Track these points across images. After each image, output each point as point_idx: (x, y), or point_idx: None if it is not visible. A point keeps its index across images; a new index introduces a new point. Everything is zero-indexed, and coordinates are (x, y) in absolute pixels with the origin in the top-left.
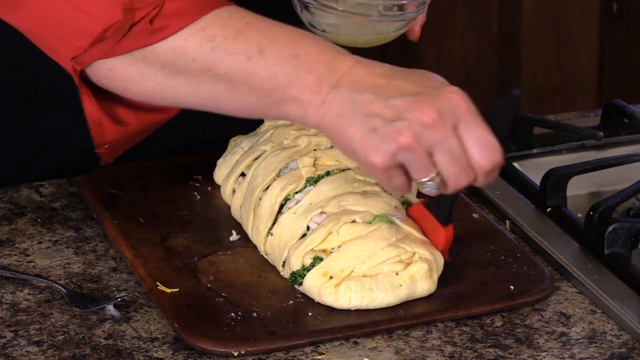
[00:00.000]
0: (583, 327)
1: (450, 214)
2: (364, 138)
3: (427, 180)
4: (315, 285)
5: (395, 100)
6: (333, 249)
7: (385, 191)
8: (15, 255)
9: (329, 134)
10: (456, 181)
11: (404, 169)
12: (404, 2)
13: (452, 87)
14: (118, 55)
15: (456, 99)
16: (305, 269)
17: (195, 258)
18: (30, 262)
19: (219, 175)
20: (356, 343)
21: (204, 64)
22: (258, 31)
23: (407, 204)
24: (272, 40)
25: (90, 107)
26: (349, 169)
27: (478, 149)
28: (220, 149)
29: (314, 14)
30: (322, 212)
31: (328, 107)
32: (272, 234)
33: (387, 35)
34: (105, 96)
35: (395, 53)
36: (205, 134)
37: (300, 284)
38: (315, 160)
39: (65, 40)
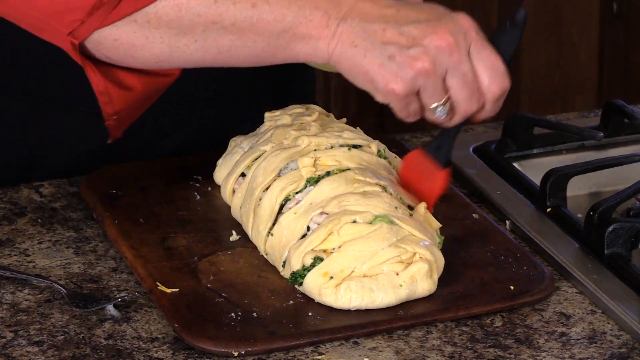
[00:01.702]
0: (583, 327)
1: (449, 153)
2: (382, 67)
3: (438, 105)
4: (315, 285)
5: (408, 27)
6: (333, 249)
7: (386, 191)
8: (15, 255)
9: (343, 65)
10: (466, 106)
11: (417, 94)
12: None
13: (461, 14)
14: (121, 24)
15: (467, 24)
16: (306, 269)
17: (195, 258)
18: (30, 262)
19: (219, 175)
20: (356, 343)
21: (210, 17)
22: None
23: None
24: None
25: (95, 78)
26: (349, 169)
27: (488, 75)
28: (220, 149)
29: None
30: (322, 212)
31: (340, 39)
32: (272, 234)
33: None
34: (107, 65)
35: None
36: (205, 134)
37: (301, 284)
38: (315, 160)
39: (59, 16)
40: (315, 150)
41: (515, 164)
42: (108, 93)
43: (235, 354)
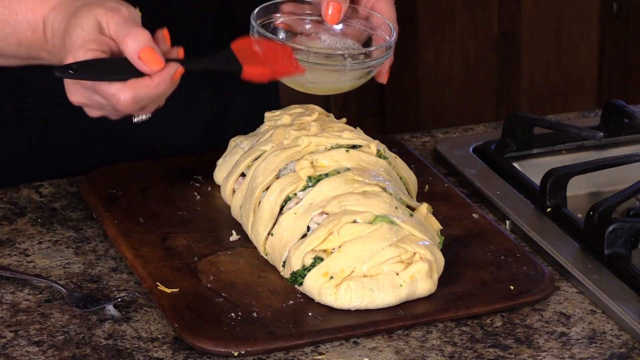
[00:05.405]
0: (583, 327)
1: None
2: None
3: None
4: (315, 285)
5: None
6: (334, 249)
7: (386, 191)
8: (15, 255)
9: None
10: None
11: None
12: (370, 50)
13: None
14: None
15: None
16: (306, 269)
17: (195, 258)
18: (30, 262)
19: (219, 175)
20: (356, 343)
21: None
22: None
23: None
24: None
25: None
26: (348, 169)
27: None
28: (220, 149)
29: None
30: (322, 212)
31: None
32: (272, 234)
33: (355, 82)
34: None
35: (396, 53)
36: (205, 133)
37: (301, 284)
38: (312, 162)
39: None
40: (312, 152)
41: (515, 164)
42: None
43: (235, 354)
